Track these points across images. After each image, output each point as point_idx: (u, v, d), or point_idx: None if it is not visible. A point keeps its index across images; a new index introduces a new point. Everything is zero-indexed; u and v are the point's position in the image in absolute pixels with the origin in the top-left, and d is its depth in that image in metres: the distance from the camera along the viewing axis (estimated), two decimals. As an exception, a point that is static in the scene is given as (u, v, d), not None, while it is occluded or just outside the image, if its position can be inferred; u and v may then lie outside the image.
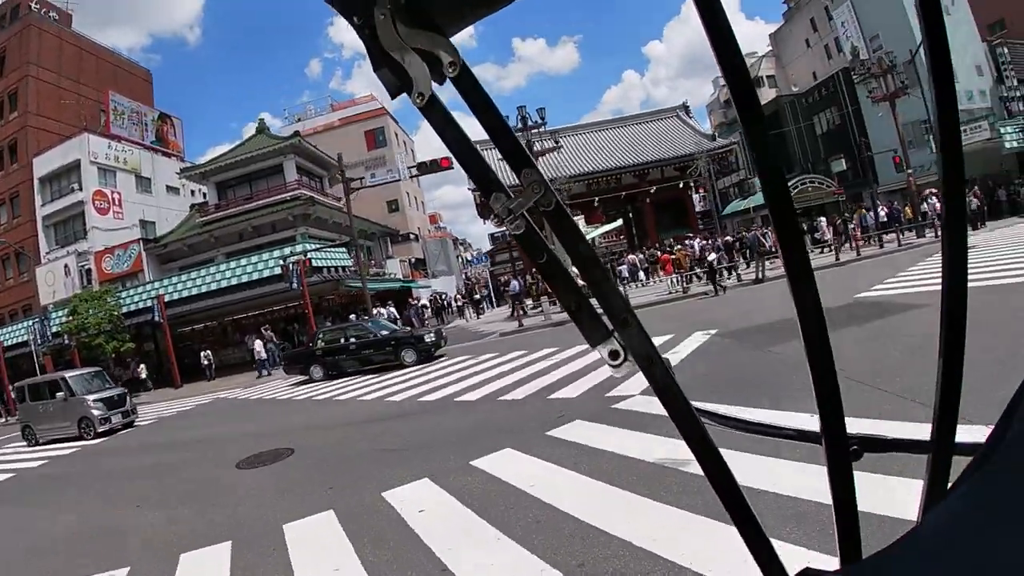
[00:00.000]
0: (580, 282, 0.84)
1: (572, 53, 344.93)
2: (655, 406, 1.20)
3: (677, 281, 26.16)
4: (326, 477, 8.39)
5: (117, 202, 44.35)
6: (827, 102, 47.57)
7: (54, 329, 35.22)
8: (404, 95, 0.81)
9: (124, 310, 33.36)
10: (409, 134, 68.42)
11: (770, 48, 60.51)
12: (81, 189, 42.81)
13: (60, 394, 18.63)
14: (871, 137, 41.81)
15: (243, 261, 33.18)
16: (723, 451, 0.84)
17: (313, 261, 31.54)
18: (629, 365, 0.80)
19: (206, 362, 31.01)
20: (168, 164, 50.35)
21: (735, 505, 0.84)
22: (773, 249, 25.01)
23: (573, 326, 0.82)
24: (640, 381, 5.71)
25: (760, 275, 24.32)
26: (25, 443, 19.55)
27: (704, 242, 32.78)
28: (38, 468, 15.20)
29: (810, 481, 4.42)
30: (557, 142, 33.84)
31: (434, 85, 0.78)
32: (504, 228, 0.79)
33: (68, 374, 20.11)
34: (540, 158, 32.45)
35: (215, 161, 41.68)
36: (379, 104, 59.97)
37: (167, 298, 32.90)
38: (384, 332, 21.39)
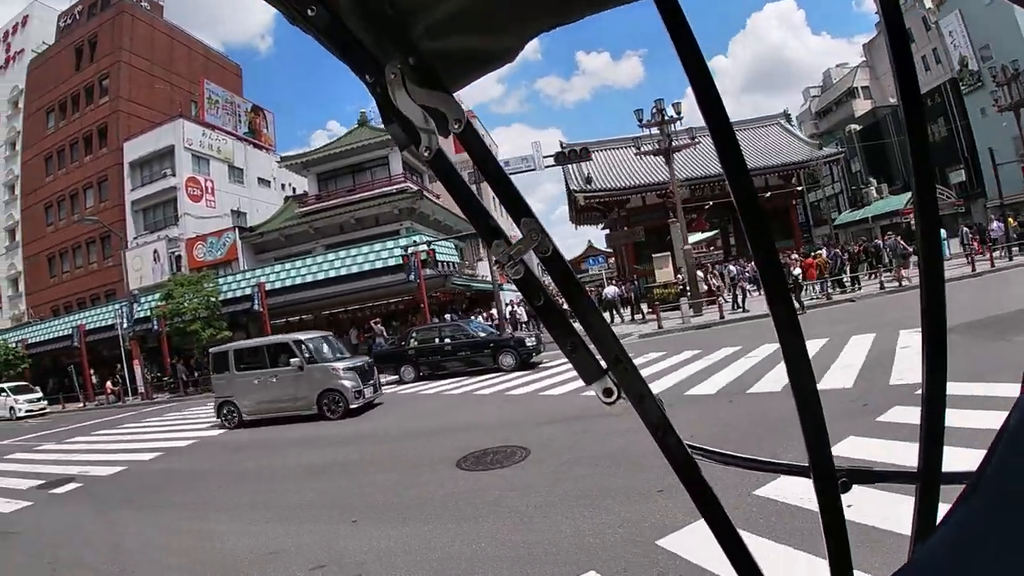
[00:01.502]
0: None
1: (637, 67, 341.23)
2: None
3: (821, 288, 24.33)
4: (606, 481, 6.33)
5: (210, 190, 41.80)
6: (932, 113, 44.73)
7: (142, 314, 32.45)
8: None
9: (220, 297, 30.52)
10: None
11: (864, 59, 57.69)
12: (174, 175, 40.30)
13: (294, 360, 14.57)
14: (979, 148, 39.76)
15: (353, 251, 30.36)
16: None
17: (432, 253, 28.75)
18: (623, 403, 0.82)
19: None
20: (260, 156, 48.08)
21: (727, 538, 0.84)
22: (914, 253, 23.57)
23: (713, 329, 0.73)
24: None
25: (901, 281, 22.40)
26: (220, 421, 15.58)
27: (834, 250, 29.54)
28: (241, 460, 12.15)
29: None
30: (693, 137, 31.01)
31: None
32: (507, 272, 0.81)
33: (301, 336, 15.91)
34: (676, 154, 29.87)
35: (317, 151, 39.08)
36: (467, 107, 57.58)
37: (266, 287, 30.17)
38: (481, 334, 20.04)
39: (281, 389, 14.64)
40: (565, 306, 0.88)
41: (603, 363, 0.83)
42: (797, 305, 20.20)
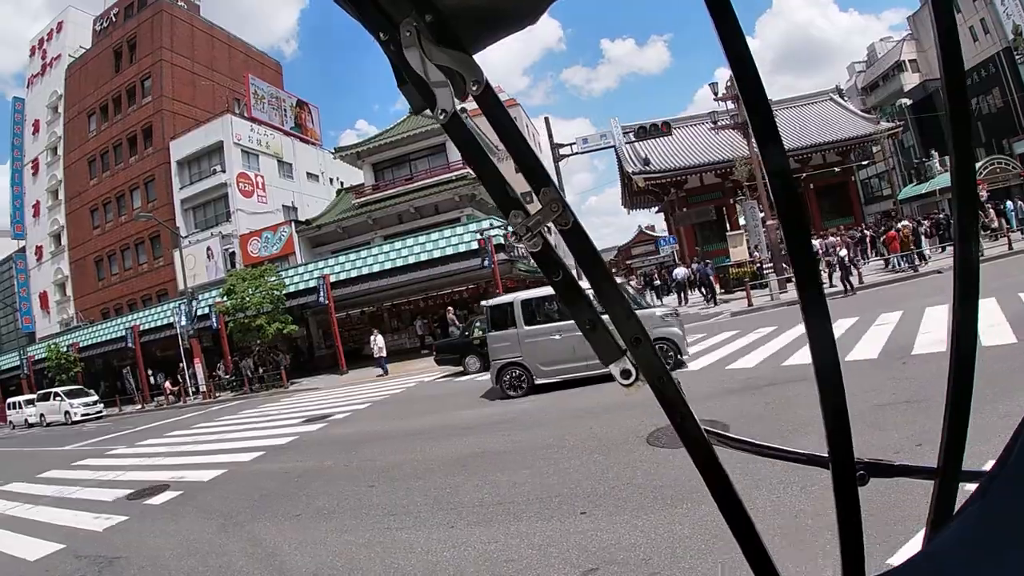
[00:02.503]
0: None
1: (663, 52, 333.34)
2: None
3: (902, 260, 22.96)
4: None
5: (261, 185, 40.20)
6: (986, 84, 43.12)
7: (201, 311, 30.91)
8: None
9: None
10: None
11: (909, 32, 55.26)
12: (224, 171, 38.69)
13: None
14: None
15: (422, 238, 28.63)
16: None
17: (509, 236, 27.00)
18: (640, 384, 0.79)
19: (377, 347, 25.14)
20: (308, 151, 46.44)
21: (741, 525, 0.81)
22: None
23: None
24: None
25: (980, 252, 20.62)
26: (501, 389, 12.83)
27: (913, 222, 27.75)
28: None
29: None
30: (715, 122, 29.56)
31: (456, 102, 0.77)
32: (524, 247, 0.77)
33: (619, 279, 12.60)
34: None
35: (371, 140, 37.36)
36: (507, 95, 56.02)
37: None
38: None
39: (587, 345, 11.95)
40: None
41: (622, 344, 0.79)
42: (847, 286, 19.76)
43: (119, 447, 16.59)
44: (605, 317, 0.80)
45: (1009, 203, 26.89)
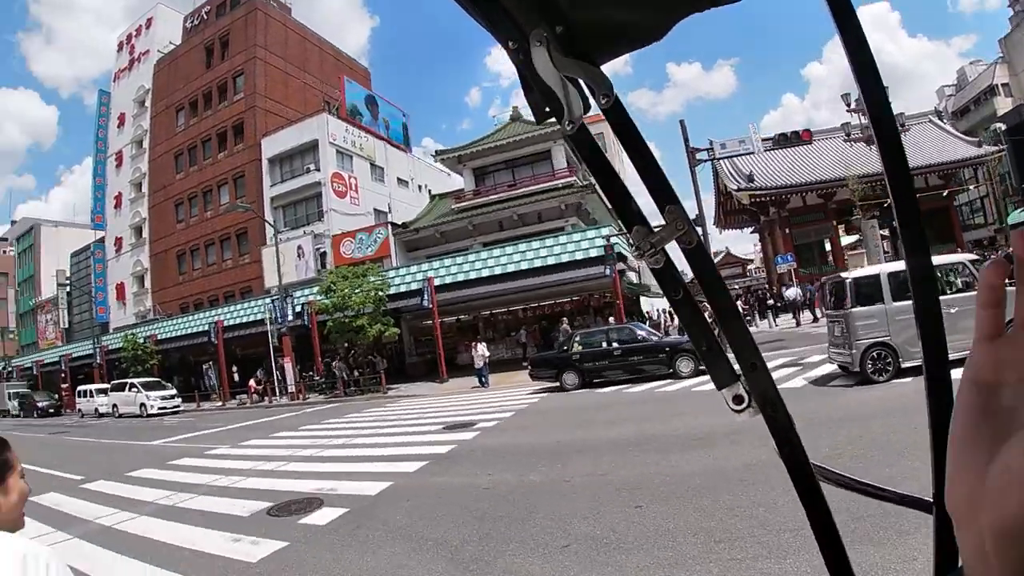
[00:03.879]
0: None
1: (729, 76, 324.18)
2: None
3: None
4: None
5: (354, 187, 38.28)
6: None
7: (295, 308, 28.88)
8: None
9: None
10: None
11: (1001, 55, 52.00)
12: (319, 170, 36.84)
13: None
14: None
15: (535, 243, 26.37)
16: None
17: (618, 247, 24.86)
18: (752, 411, 0.76)
19: (479, 356, 22.47)
20: (398, 156, 44.58)
21: (839, 566, 0.78)
22: None
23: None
24: None
25: None
26: (869, 371, 10.53)
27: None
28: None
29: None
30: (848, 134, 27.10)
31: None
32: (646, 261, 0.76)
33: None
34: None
35: (473, 144, 35.38)
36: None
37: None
38: (654, 338, 17.64)
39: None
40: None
41: (737, 369, 0.77)
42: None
43: (219, 447, 14.34)
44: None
45: None
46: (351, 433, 14.28)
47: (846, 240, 41.08)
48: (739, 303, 30.99)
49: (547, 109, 0.76)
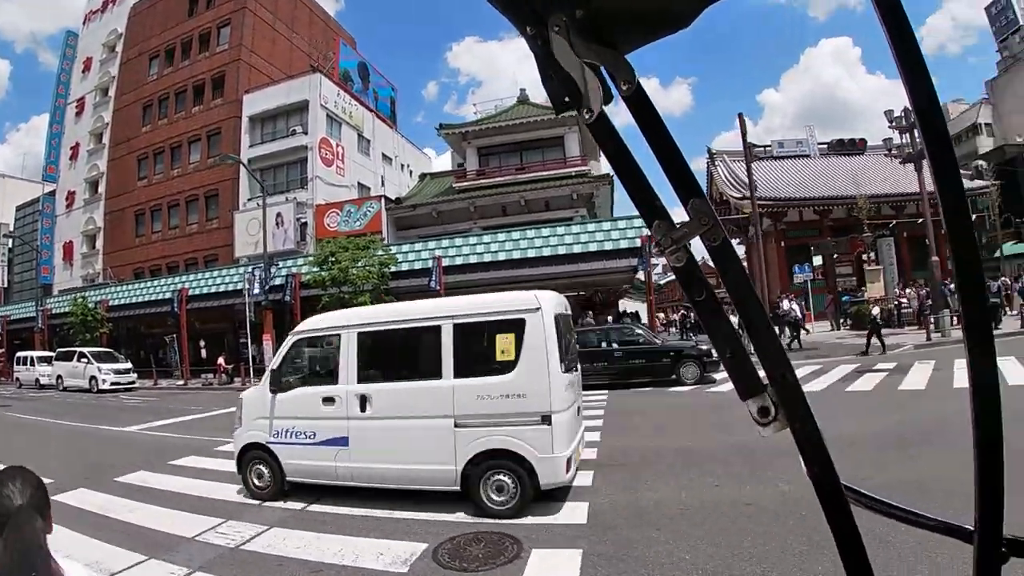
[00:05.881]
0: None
1: (685, 95, 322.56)
2: None
3: None
4: None
5: (340, 156, 33.79)
6: None
7: (275, 280, 24.27)
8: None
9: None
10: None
11: (986, 96, 52.23)
12: (306, 133, 32.18)
13: None
14: None
15: (560, 229, 23.00)
16: None
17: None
18: (779, 424, 0.69)
19: None
20: (385, 131, 40.31)
21: None
22: None
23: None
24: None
25: None
26: None
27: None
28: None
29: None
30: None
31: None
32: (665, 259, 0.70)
33: None
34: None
35: (481, 122, 31.47)
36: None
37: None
38: (656, 340, 16.39)
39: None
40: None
41: (764, 378, 0.69)
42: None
43: (223, 439, 10.14)
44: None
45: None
46: None
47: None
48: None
49: (566, 99, 0.69)
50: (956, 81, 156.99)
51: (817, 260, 34.66)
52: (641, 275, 27.30)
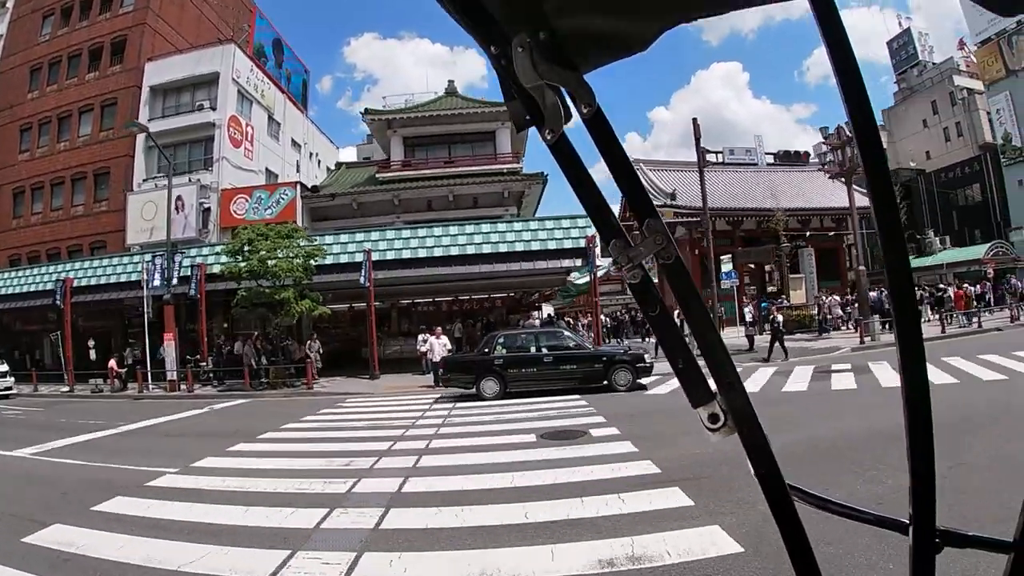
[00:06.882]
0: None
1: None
2: None
3: (967, 318, 22.92)
4: None
5: (249, 137, 30.40)
6: (967, 180, 44.98)
7: (181, 271, 21.03)
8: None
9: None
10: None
11: (882, 124, 54.48)
12: (214, 109, 28.66)
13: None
14: (1012, 214, 39.87)
15: (501, 226, 21.77)
16: None
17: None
18: (728, 430, 0.72)
19: (444, 344, 18.20)
20: (296, 115, 36.94)
21: None
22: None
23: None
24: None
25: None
26: None
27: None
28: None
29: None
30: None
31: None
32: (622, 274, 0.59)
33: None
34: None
35: (409, 111, 28.87)
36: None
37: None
38: (587, 346, 15.74)
39: None
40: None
41: (713, 387, 0.72)
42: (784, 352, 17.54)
43: (163, 468, 8.11)
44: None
45: (1015, 280, 27.92)
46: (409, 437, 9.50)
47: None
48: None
49: (527, 117, 0.70)
50: (815, 115, 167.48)
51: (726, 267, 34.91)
52: (572, 277, 25.88)
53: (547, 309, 32.02)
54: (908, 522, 0.72)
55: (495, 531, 5.01)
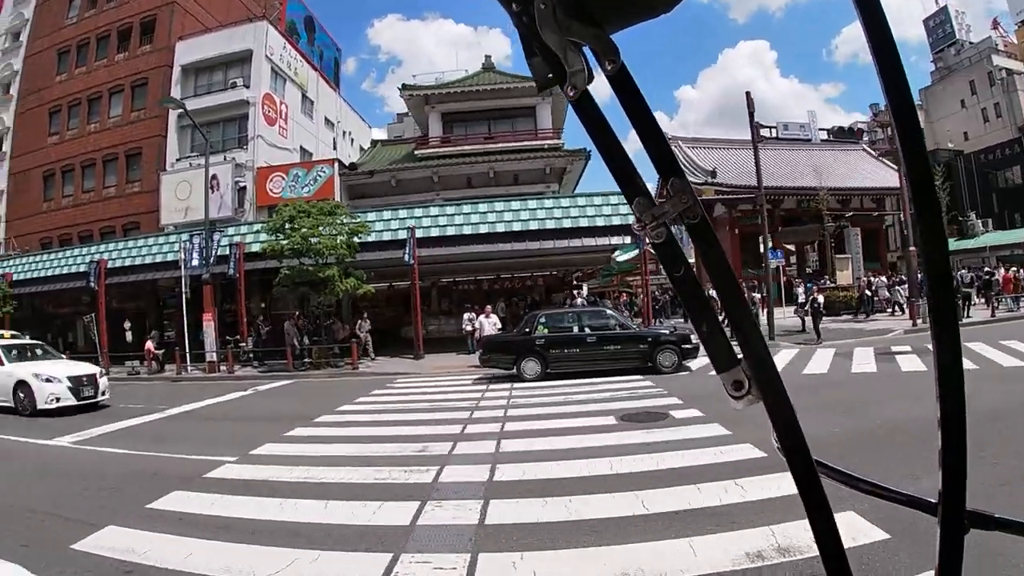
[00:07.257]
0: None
1: (604, 85, 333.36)
2: None
3: (1015, 301, 22.13)
4: None
5: (284, 116, 29.66)
6: (1007, 162, 43.71)
7: (219, 251, 20.20)
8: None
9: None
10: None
11: (920, 103, 52.62)
12: (248, 87, 27.87)
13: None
14: None
15: (548, 202, 20.58)
16: None
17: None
18: (752, 398, 0.69)
19: (493, 323, 17.75)
20: (328, 93, 36.25)
21: (835, 561, 0.74)
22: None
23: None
24: None
25: None
26: None
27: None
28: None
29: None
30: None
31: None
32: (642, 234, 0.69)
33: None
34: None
35: (448, 85, 27.99)
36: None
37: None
38: (632, 326, 15.41)
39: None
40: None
41: (739, 352, 0.69)
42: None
43: (262, 445, 7.94)
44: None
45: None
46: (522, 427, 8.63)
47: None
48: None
49: (550, 75, 0.67)
50: (843, 94, 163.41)
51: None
52: (616, 254, 24.85)
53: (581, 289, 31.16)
54: (936, 502, 0.68)
55: (617, 524, 4.51)
